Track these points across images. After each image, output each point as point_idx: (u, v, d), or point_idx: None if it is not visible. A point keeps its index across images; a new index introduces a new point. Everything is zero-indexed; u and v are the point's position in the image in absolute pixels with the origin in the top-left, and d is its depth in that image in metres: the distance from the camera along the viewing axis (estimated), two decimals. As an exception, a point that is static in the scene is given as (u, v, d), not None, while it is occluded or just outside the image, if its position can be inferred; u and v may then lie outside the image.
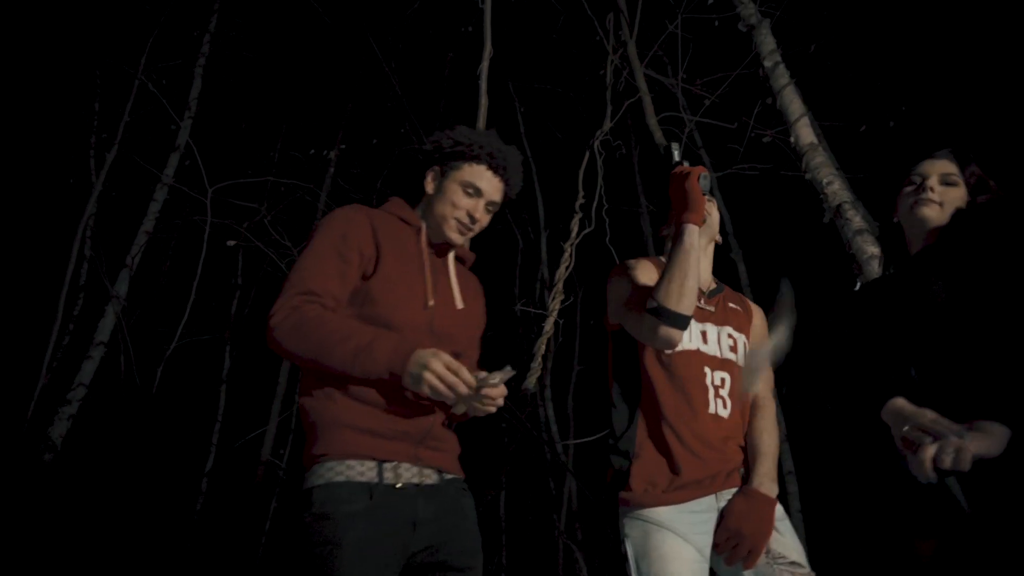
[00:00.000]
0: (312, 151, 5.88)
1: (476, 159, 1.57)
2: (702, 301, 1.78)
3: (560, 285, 3.07)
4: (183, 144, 5.03)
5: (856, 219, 3.17)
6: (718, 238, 1.87)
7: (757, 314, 1.90)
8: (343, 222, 1.50)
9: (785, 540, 1.59)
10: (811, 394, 1.68)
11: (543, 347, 2.72)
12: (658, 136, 3.89)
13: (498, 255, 7.53)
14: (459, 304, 1.58)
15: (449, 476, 1.49)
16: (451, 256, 1.65)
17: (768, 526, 1.58)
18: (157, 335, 4.14)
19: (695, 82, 4.48)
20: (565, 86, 6.00)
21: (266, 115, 6.13)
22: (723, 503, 1.64)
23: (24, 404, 3.93)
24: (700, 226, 1.65)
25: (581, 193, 3.36)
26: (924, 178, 1.57)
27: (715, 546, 1.60)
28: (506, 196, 1.64)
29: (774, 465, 1.65)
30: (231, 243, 4.40)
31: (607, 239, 3.30)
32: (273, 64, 5.95)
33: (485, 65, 2.34)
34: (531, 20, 5.57)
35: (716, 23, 3.84)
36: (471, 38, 5.26)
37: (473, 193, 1.57)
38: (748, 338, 1.82)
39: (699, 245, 1.64)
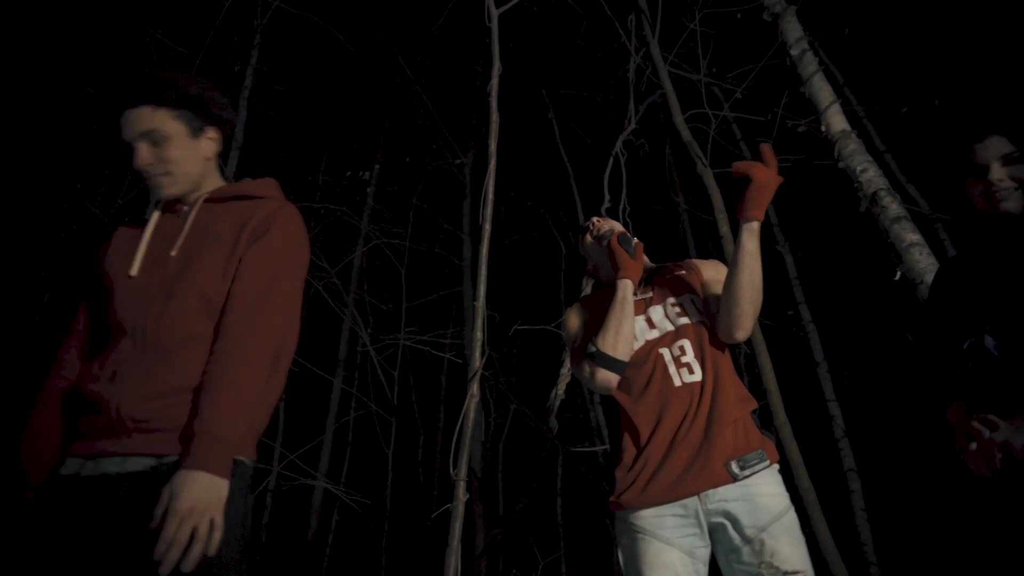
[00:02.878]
0: (348, 173, 6.05)
1: (120, 112, 1.41)
2: (638, 293, 1.85)
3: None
4: (232, 175, 5.28)
5: (893, 206, 3.06)
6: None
7: (705, 264, 1.92)
8: None
9: (778, 546, 1.50)
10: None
11: (568, 359, 2.72)
12: (685, 135, 3.84)
13: (543, 262, 7.59)
14: (173, 253, 1.38)
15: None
16: (197, 206, 1.45)
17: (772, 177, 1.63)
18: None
19: (724, 77, 4.41)
20: (592, 91, 6.01)
21: (303, 141, 6.36)
22: (710, 505, 1.56)
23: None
24: (632, 280, 1.79)
25: (607, 197, 3.36)
26: (986, 168, 1.50)
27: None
28: (169, 106, 1.41)
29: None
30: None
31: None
32: (307, 92, 6.17)
33: (495, 82, 2.39)
34: (557, 27, 5.60)
35: (739, 16, 3.78)
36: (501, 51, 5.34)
37: (133, 146, 1.41)
38: (698, 287, 1.83)
39: (631, 297, 1.78)
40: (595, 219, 2.04)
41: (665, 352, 1.72)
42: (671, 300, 1.80)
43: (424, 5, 5.51)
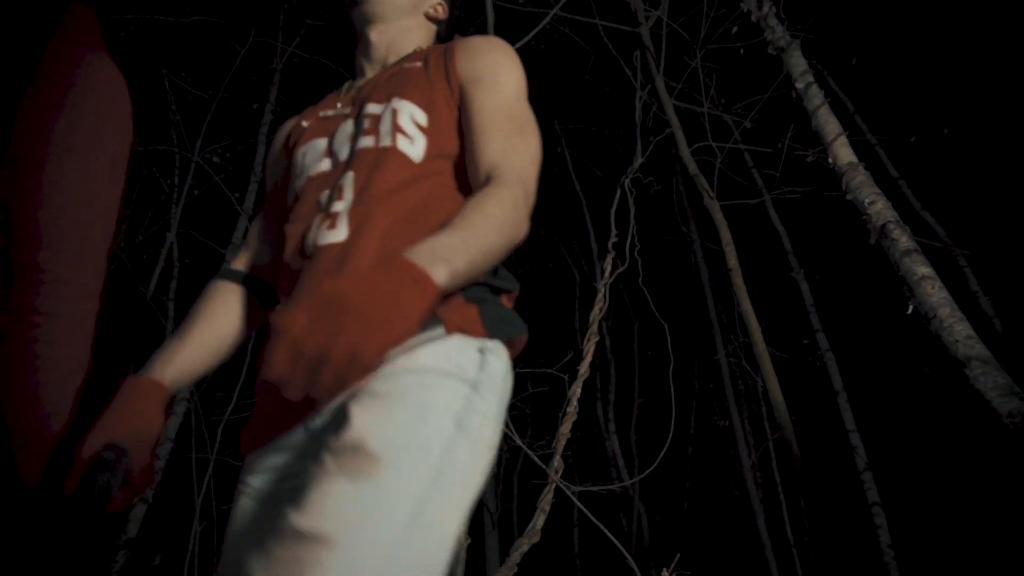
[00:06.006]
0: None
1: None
2: (341, 103, 1.18)
3: (595, 327, 3.05)
4: (250, 207, 5.38)
5: (903, 239, 3.01)
6: (435, 10, 1.29)
7: (468, 50, 1.12)
8: None
9: (352, 409, 0.80)
10: None
11: (578, 391, 2.69)
12: (692, 168, 3.85)
13: (556, 292, 7.61)
14: None
15: None
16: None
17: (391, 312, 0.71)
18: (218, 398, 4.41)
19: (731, 108, 4.43)
20: (602, 124, 6.06)
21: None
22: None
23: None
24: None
25: (614, 232, 3.36)
26: None
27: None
28: None
29: (462, 243, 0.82)
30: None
31: (639, 280, 3.27)
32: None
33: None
34: (566, 62, 5.69)
35: (742, 51, 3.80)
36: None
37: None
38: (440, 92, 1.08)
39: None
40: None
41: (323, 196, 1.03)
42: (369, 109, 1.08)
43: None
